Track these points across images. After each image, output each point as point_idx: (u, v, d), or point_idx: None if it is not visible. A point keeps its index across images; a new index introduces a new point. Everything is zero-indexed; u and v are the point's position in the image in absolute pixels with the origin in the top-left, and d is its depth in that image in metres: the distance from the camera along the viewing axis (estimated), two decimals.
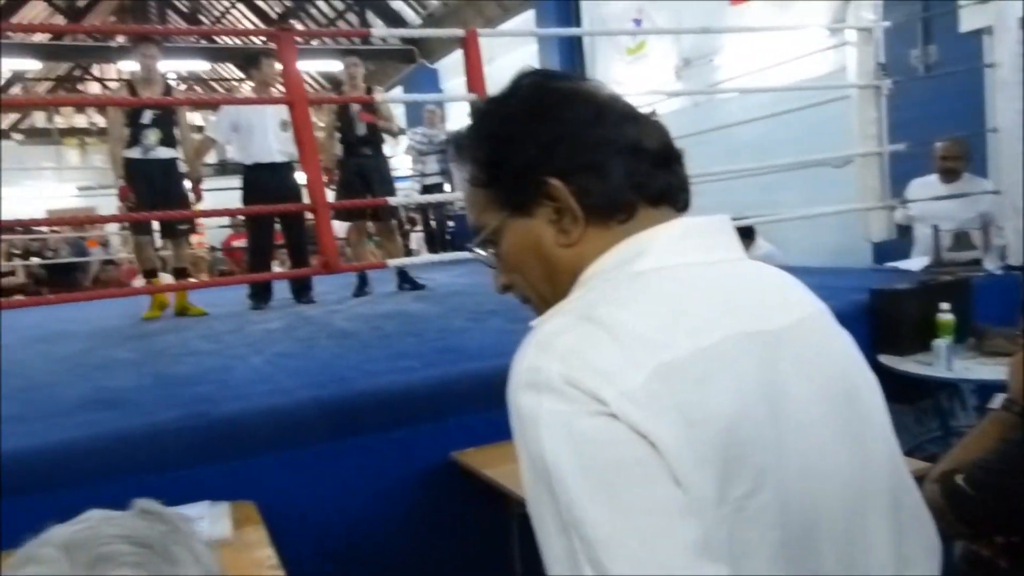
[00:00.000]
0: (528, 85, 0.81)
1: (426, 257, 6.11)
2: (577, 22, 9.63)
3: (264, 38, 7.05)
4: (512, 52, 10.56)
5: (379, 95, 5.18)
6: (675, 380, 0.64)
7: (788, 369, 0.71)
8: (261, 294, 4.62)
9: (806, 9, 6.21)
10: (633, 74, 8.76)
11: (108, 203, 4.48)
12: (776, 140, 5.51)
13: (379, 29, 11.07)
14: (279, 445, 2.07)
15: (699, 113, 7.05)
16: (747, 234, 4.89)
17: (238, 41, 13.07)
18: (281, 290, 4.77)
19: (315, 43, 12.39)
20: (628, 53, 8.77)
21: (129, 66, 4.16)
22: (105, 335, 3.93)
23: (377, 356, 2.74)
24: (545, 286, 0.80)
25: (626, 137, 0.76)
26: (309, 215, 4.35)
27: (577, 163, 0.76)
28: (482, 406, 2.25)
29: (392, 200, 4.56)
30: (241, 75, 18.14)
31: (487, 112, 0.82)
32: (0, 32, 9.32)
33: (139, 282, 6.39)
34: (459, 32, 3.21)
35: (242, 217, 6.83)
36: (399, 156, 9.36)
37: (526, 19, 10.48)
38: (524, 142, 0.77)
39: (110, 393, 2.40)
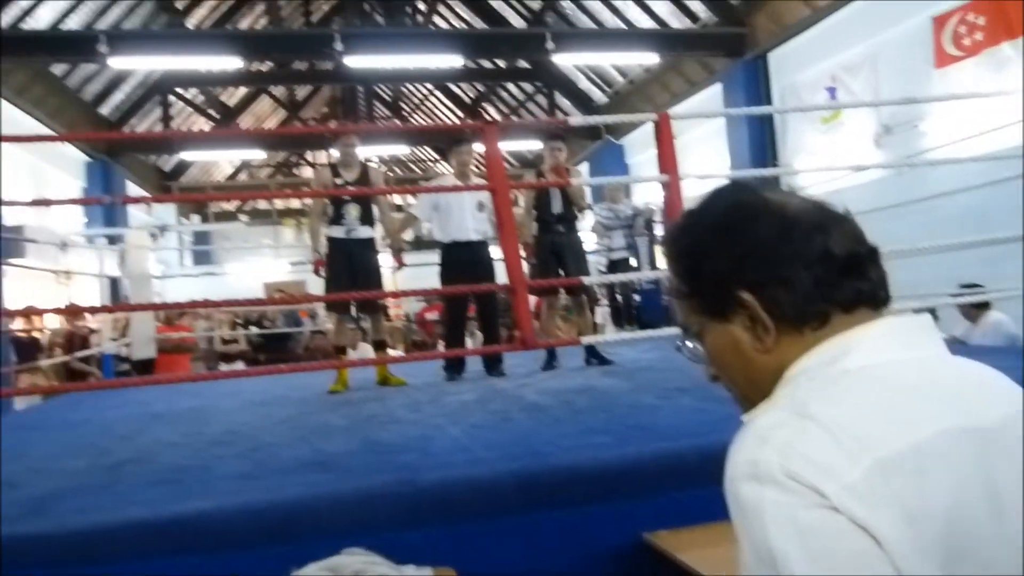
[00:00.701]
0: (720, 201, 0.87)
1: (617, 335, 6.15)
2: (767, 92, 9.49)
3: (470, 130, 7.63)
4: (699, 127, 10.55)
5: (575, 178, 5.36)
6: (892, 475, 0.66)
7: (1003, 466, 0.70)
8: (456, 366, 4.83)
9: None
10: (827, 143, 8.47)
11: (316, 277, 4.91)
12: (994, 209, 5.11)
13: (577, 118, 11.57)
14: (477, 514, 2.13)
15: (903, 183, 6.68)
16: (982, 304, 4.94)
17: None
18: (473, 362, 4.96)
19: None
20: (822, 122, 8.50)
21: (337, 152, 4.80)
22: (317, 401, 4.25)
23: (569, 431, 2.77)
24: (745, 384, 0.85)
25: (814, 249, 0.79)
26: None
27: (766, 276, 0.80)
28: (675, 486, 2.22)
29: (586, 280, 4.65)
30: (435, 156, 19.40)
31: (684, 228, 0.89)
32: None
33: (354, 354, 6.90)
34: (652, 116, 3.30)
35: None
36: (585, 232, 9.54)
37: (714, 91, 10.45)
38: (717, 257, 0.82)
39: (325, 456, 2.58)
